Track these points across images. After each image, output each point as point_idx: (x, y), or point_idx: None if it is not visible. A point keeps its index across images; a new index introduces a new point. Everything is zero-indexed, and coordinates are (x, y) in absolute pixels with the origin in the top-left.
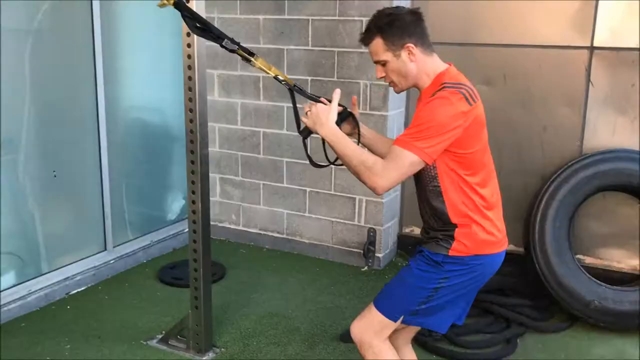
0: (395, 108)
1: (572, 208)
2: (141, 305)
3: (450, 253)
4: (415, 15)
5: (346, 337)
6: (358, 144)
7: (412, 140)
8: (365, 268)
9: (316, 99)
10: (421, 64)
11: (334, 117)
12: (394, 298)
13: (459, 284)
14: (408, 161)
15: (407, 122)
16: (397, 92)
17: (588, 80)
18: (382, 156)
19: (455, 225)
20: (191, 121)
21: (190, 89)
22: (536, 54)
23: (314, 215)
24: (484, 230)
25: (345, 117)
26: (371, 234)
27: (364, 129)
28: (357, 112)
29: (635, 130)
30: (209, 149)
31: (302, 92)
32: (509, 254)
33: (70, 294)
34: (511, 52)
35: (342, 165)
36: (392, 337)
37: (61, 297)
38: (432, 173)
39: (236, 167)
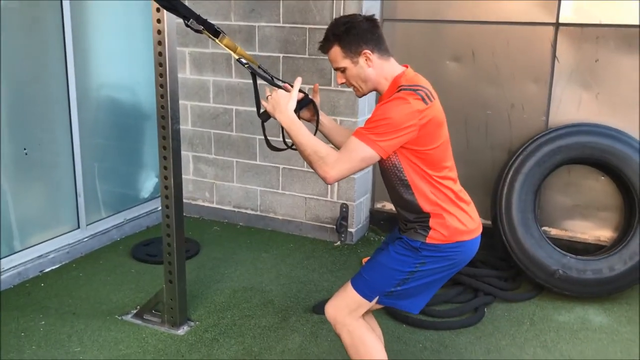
0: None
1: (538, 181)
2: (115, 282)
3: (428, 240)
4: (371, 22)
5: (319, 308)
6: (316, 133)
7: (368, 133)
8: (338, 243)
9: (278, 85)
10: (379, 69)
11: (293, 104)
12: (371, 279)
13: (434, 269)
14: (362, 155)
15: (377, 99)
16: (359, 96)
17: (554, 56)
18: (338, 146)
19: (428, 215)
20: (162, 97)
21: (160, 65)
22: (504, 30)
23: (287, 192)
24: (457, 219)
25: (305, 104)
26: (344, 209)
27: (323, 117)
28: (318, 99)
29: (599, 105)
30: (182, 127)
31: (265, 77)
32: None
33: (44, 271)
34: (479, 29)
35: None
36: None
37: (35, 275)
38: (397, 167)
39: (209, 145)
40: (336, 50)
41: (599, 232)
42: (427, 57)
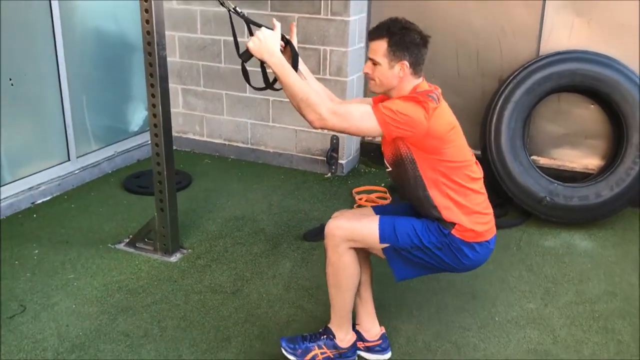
0: (357, 13)
1: (527, 109)
2: (107, 213)
3: (453, 232)
4: (423, 40)
5: (310, 236)
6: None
7: (385, 110)
8: (329, 175)
9: (257, 24)
10: (405, 82)
11: (278, 46)
12: (397, 229)
13: (441, 260)
14: (364, 125)
15: (368, 27)
16: (372, 90)
17: None
18: None
19: (441, 211)
20: (147, 22)
21: None
22: None
23: (277, 125)
24: (475, 220)
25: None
26: (334, 141)
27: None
28: (295, 40)
29: (591, 31)
30: (169, 58)
31: (245, 18)
32: None
33: (36, 203)
34: None
35: (280, 89)
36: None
37: (27, 207)
38: (411, 160)
39: (198, 77)
40: (382, 45)
41: (587, 160)
42: None
